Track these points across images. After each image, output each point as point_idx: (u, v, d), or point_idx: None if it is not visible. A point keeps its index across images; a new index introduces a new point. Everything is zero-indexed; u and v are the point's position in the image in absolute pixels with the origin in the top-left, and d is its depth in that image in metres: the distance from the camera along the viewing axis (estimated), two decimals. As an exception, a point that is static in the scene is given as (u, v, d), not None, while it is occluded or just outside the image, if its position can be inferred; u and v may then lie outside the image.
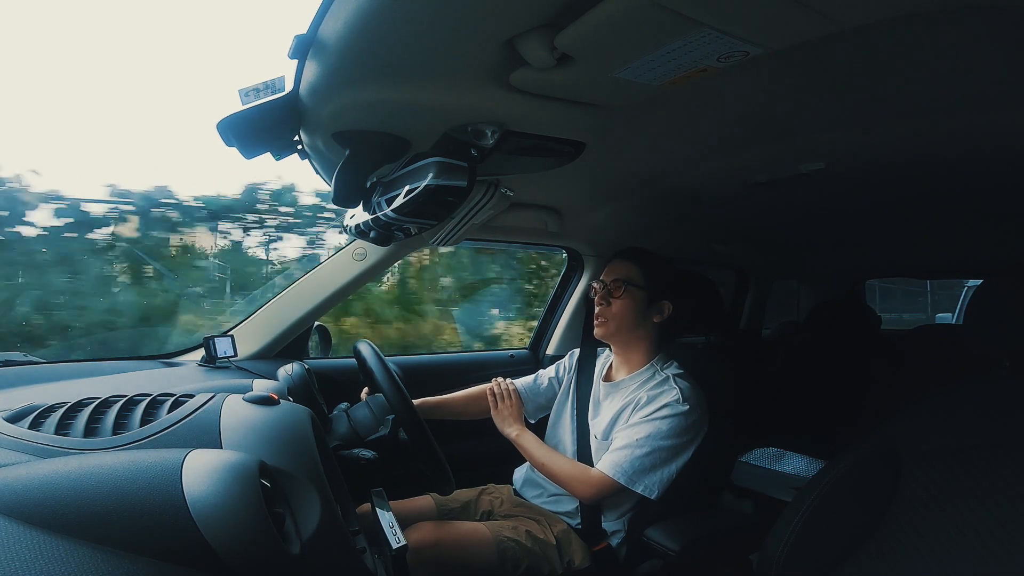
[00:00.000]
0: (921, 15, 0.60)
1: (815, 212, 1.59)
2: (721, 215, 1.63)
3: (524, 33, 0.63)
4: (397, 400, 1.01)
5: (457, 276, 3.25)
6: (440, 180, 0.86)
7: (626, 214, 1.55)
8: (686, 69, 0.68)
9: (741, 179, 1.25)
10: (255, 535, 0.49)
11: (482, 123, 0.87)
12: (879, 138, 0.99)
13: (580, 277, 1.84)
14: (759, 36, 0.61)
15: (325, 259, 1.46)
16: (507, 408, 1.27)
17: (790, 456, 1.81)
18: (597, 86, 0.75)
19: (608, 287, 1.21)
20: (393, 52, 0.67)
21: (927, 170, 1.14)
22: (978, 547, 0.71)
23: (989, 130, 0.91)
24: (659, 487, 1.08)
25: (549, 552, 1.12)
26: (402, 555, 0.76)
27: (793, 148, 1.06)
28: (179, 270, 2.54)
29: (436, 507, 1.23)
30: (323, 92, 0.76)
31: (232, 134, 0.80)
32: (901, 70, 0.75)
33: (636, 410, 1.13)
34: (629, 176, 1.27)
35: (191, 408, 0.67)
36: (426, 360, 1.87)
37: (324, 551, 0.58)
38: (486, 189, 1.15)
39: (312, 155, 1.00)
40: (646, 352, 1.22)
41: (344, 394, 1.26)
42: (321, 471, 0.66)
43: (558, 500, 1.23)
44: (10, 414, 0.62)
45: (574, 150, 0.98)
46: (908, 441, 0.84)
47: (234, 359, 1.30)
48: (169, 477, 0.50)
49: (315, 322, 1.46)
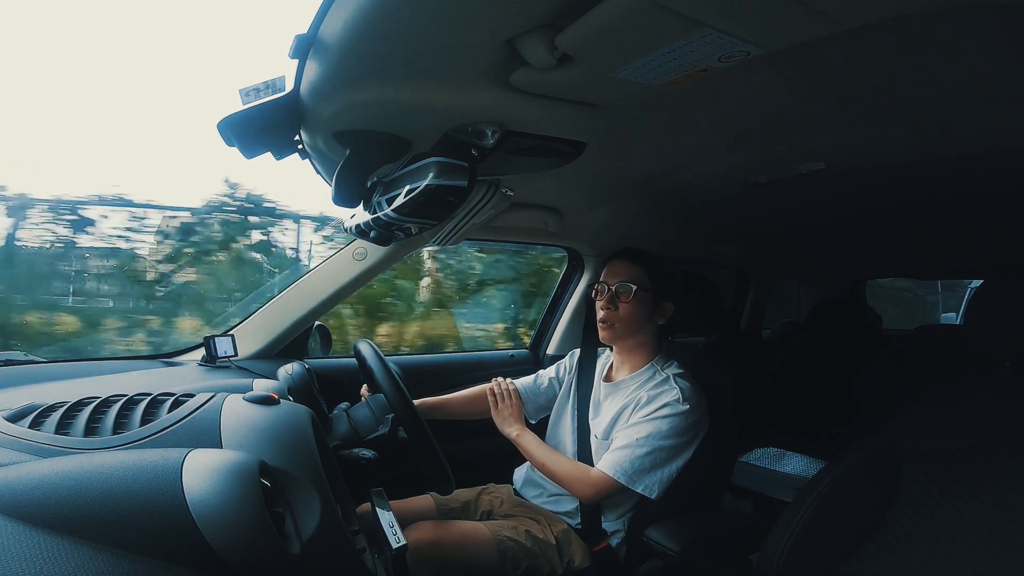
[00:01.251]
0: (921, 15, 0.60)
1: (815, 212, 1.59)
2: (721, 215, 1.63)
3: (524, 33, 0.63)
4: (397, 400, 1.01)
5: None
6: (440, 180, 0.86)
7: (626, 214, 1.55)
8: (686, 69, 0.68)
9: (741, 179, 1.25)
10: (255, 535, 0.49)
11: (482, 123, 0.87)
12: (879, 138, 0.99)
13: (580, 277, 1.84)
14: (759, 36, 0.61)
15: (325, 259, 1.47)
16: (507, 408, 1.27)
17: (790, 456, 1.82)
18: (597, 86, 0.75)
19: (615, 291, 1.20)
20: (394, 52, 0.67)
21: (927, 170, 1.14)
22: (978, 547, 0.71)
23: (989, 130, 0.91)
24: (659, 487, 1.08)
25: (549, 552, 1.12)
26: (402, 555, 0.76)
27: (793, 148, 1.06)
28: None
29: (436, 507, 1.23)
30: (324, 92, 0.76)
31: (232, 134, 0.80)
32: (901, 70, 0.75)
33: (636, 410, 1.13)
34: (629, 176, 1.27)
35: (191, 408, 0.67)
36: (426, 360, 1.87)
37: (324, 551, 0.58)
38: (486, 189, 1.15)
39: (312, 155, 1.00)
40: (647, 353, 1.22)
41: (344, 394, 1.26)
42: (321, 471, 0.66)
43: (558, 500, 1.23)
44: (10, 414, 0.62)
45: (574, 150, 0.98)
46: (909, 441, 0.84)
47: (234, 359, 1.30)
48: (169, 477, 0.50)
49: (315, 322, 1.46)
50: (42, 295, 2.07)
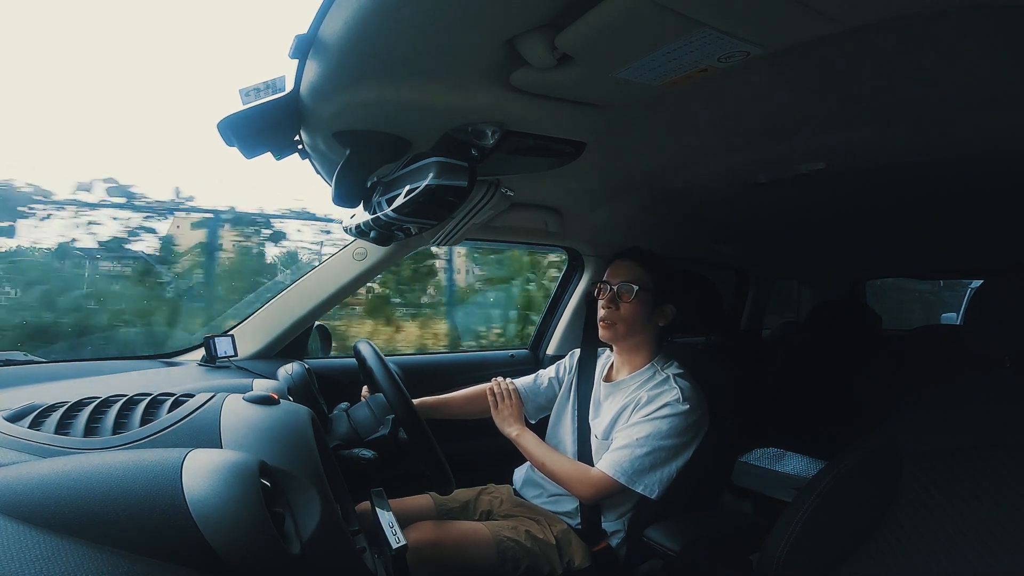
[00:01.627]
0: (921, 15, 0.60)
1: (815, 212, 1.59)
2: (721, 215, 1.63)
3: (524, 33, 0.63)
4: (397, 400, 1.01)
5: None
6: (440, 180, 0.86)
7: (626, 214, 1.55)
8: (686, 69, 0.68)
9: (741, 179, 1.25)
10: (255, 535, 0.49)
11: (482, 123, 0.87)
12: (879, 138, 0.99)
13: (580, 277, 1.84)
14: (759, 36, 0.61)
15: (326, 259, 1.47)
16: (507, 408, 1.27)
17: (790, 456, 1.82)
18: (597, 86, 0.75)
19: (617, 290, 1.20)
20: (394, 52, 0.67)
21: (927, 170, 1.14)
22: (979, 547, 0.71)
23: (989, 130, 0.91)
24: (659, 487, 1.08)
25: (549, 552, 1.12)
26: (402, 555, 0.76)
27: (793, 148, 1.06)
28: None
29: (435, 507, 1.23)
30: (324, 92, 0.76)
31: (232, 134, 0.80)
32: (901, 70, 0.75)
33: (636, 410, 1.13)
34: (629, 176, 1.27)
35: (191, 408, 0.67)
36: (426, 360, 1.87)
37: (324, 551, 0.58)
38: (486, 189, 1.15)
39: (312, 155, 1.00)
40: (647, 353, 1.22)
41: (344, 394, 1.26)
42: (321, 471, 0.66)
43: (558, 500, 1.23)
44: (10, 414, 0.62)
45: (574, 150, 0.98)
46: (909, 441, 0.84)
47: (234, 359, 1.30)
48: (169, 477, 0.50)
49: (315, 322, 1.46)
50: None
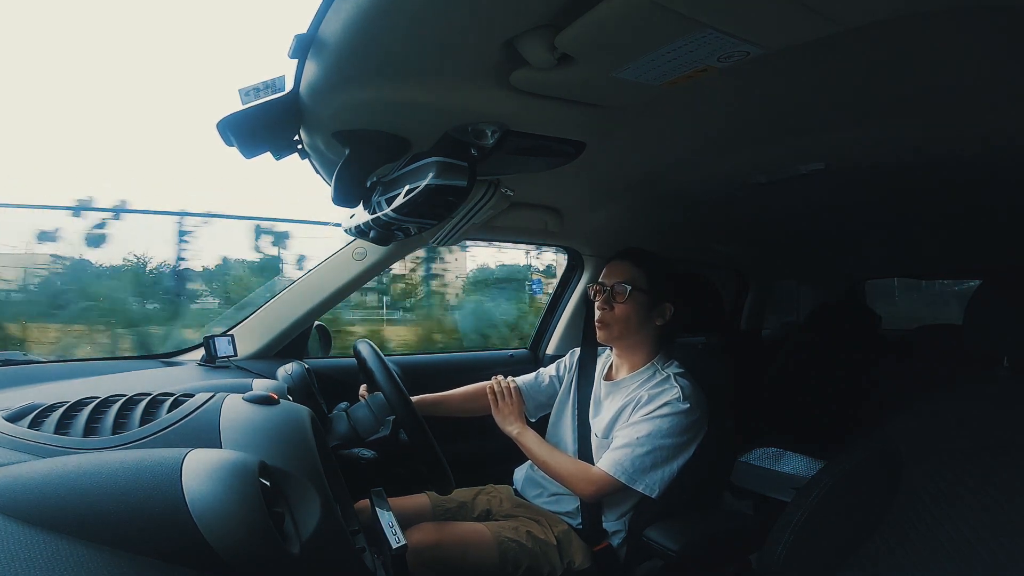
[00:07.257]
0: (921, 15, 0.60)
1: (815, 212, 1.59)
2: (721, 215, 1.63)
3: (524, 33, 0.63)
4: (397, 400, 1.01)
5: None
6: (440, 180, 0.86)
7: (626, 214, 1.55)
8: (686, 69, 0.68)
9: (741, 179, 1.25)
10: (255, 535, 0.49)
11: (482, 123, 0.87)
12: (879, 138, 0.99)
13: (580, 277, 1.84)
14: (759, 36, 0.61)
15: (325, 258, 1.47)
16: (508, 406, 1.27)
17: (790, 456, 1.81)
18: (597, 86, 0.75)
19: (611, 291, 1.20)
20: (393, 52, 0.66)
21: (927, 170, 1.14)
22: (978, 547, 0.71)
23: (989, 130, 0.91)
24: (660, 486, 1.08)
25: (550, 552, 1.12)
26: (402, 555, 0.76)
27: (793, 148, 1.06)
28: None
29: (431, 506, 1.23)
30: (323, 92, 0.76)
31: (232, 133, 0.80)
32: (901, 70, 0.75)
33: (637, 408, 1.13)
34: (629, 176, 1.27)
35: (191, 407, 0.67)
36: (426, 360, 1.87)
37: (324, 551, 0.58)
38: (486, 189, 1.15)
39: (312, 155, 1.00)
40: (647, 352, 1.22)
41: (344, 394, 1.26)
42: (321, 471, 0.66)
43: (558, 500, 1.23)
44: (10, 413, 0.62)
45: (574, 150, 0.98)
46: (909, 441, 0.84)
47: (234, 359, 1.30)
48: (169, 476, 0.50)
49: (315, 322, 1.46)
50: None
